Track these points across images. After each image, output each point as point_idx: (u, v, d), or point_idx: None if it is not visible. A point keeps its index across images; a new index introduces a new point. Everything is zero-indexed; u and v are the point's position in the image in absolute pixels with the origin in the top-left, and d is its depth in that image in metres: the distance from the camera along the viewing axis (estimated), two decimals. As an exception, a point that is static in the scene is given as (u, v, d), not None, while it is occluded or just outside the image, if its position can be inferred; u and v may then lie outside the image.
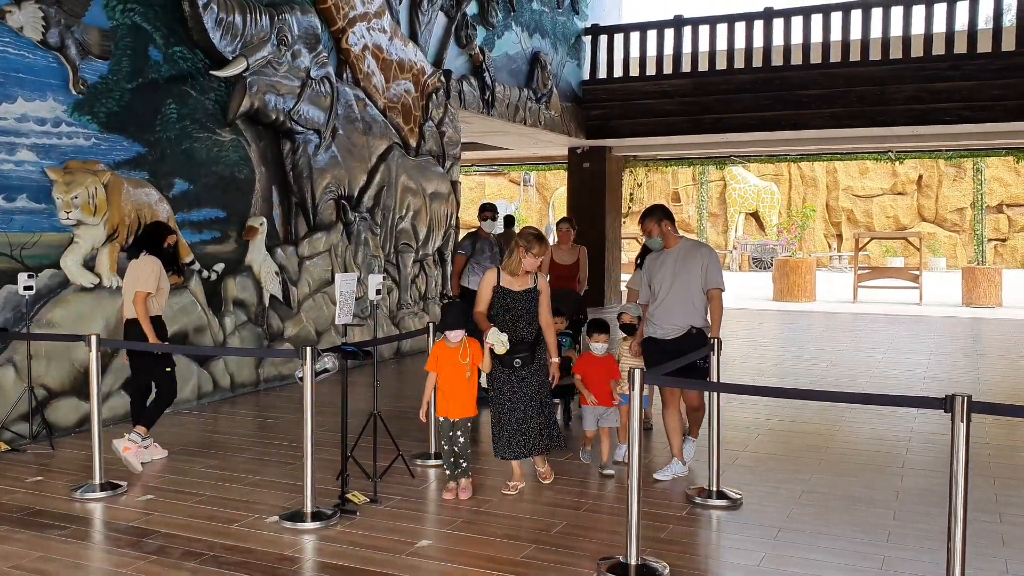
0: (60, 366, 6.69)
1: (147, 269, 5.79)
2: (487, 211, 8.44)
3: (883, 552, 4.34)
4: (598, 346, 5.71)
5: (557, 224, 8.71)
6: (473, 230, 8.53)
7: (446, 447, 5.19)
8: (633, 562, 4.01)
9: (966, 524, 3.52)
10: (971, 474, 3.50)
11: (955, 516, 3.50)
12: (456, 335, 5.16)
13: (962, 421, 3.46)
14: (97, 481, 5.26)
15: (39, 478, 5.59)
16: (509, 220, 11.87)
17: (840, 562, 4.20)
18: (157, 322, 5.89)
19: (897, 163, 18.15)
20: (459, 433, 5.16)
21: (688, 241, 5.67)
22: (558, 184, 33.12)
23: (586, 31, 15.97)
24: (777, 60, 14.55)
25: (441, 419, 5.20)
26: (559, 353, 5.51)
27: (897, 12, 13.77)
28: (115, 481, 5.35)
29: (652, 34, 15.61)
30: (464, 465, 5.21)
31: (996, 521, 4.80)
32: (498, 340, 5.02)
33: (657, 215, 5.62)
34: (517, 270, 5.20)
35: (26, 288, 6.28)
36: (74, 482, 5.43)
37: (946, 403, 3.50)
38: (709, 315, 5.56)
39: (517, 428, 5.17)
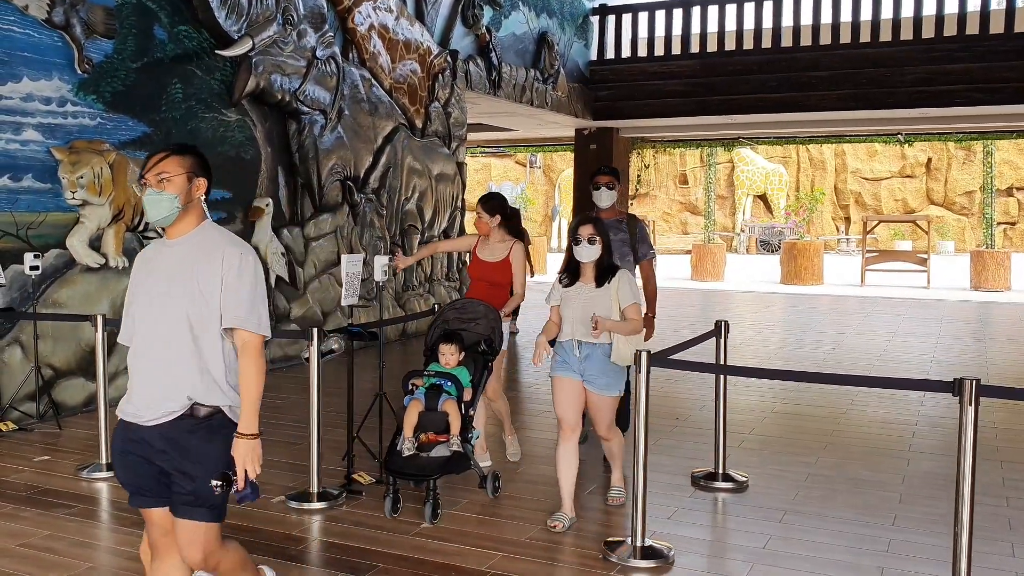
0: (66, 346, 6.70)
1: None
2: (602, 175, 5.45)
3: (889, 535, 4.33)
4: None
5: (479, 205, 5.44)
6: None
7: None
8: (639, 544, 4.01)
9: (973, 508, 3.51)
10: (978, 458, 3.48)
11: (962, 500, 3.49)
12: None
13: (970, 405, 3.44)
14: (104, 460, 5.28)
15: (46, 457, 5.61)
16: (515, 212, 8.66)
17: (846, 545, 4.20)
18: None
19: (906, 146, 18.01)
20: None
21: (208, 229, 2.78)
22: (564, 166, 33.00)
23: (593, 11, 15.84)
24: (786, 41, 14.41)
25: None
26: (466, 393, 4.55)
27: (908, -8, 13.63)
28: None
29: (660, 14, 15.48)
30: None
31: (1003, 505, 4.79)
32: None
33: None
34: None
35: (32, 268, 6.28)
36: (81, 461, 5.45)
37: (954, 387, 3.48)
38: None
39: None
